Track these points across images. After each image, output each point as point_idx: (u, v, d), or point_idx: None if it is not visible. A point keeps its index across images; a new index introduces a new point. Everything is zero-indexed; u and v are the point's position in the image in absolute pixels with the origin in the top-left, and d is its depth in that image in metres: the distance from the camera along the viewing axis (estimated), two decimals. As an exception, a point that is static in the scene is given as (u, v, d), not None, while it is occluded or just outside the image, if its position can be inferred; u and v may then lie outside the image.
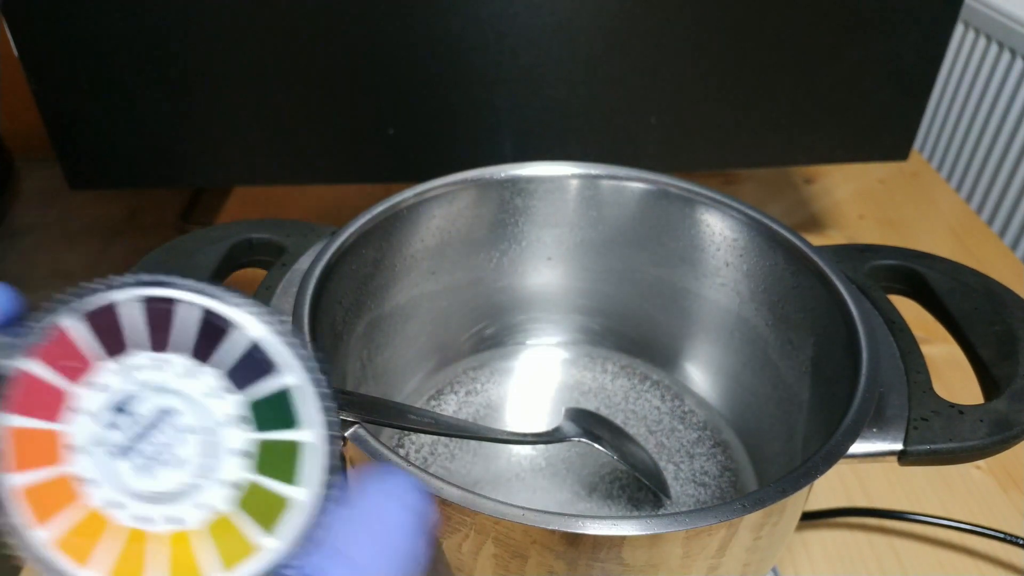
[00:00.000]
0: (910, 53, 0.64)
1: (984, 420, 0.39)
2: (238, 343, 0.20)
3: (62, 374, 0.19)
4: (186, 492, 0.19)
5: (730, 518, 0.32)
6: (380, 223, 0.48)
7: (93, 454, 0.19)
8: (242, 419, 0.20)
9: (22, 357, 0.19)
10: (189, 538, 0.19)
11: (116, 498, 0.19)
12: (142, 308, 0.19)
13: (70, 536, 0.19)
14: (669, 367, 0.57)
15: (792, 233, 0.47)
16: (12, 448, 0.19)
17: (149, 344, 0.19)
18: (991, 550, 0.53)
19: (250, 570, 0.19)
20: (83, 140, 0.63)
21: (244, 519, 0.20)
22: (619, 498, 0.49)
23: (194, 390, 0.19)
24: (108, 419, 0.19)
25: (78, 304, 0.19)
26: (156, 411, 0.19)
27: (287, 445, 0.20)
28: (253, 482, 0.20)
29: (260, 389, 0.20)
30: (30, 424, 0.19)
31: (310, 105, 0.62)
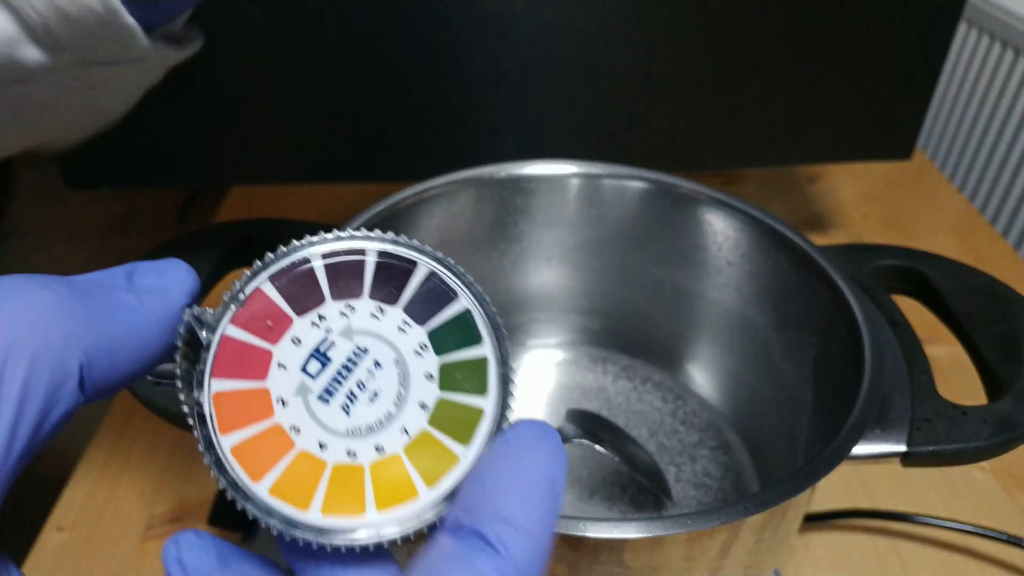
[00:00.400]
0: (913, 52, 0.64)
1: (988, 421, 0.39)
2: (416, 280, 0.21)
3: (261, 335, 0.21)
4: (385, 422, 0.21)
5: (732, 520, 0.32)
6: (379, 222, 0.47)
7: (298, 403, 0.21)
8: (424, 347, 0.21)
9: (225, 325, 0.20)
10: (394, 462, 0.21)
11: (323, 439, 0.21)
12: (322, 262, 0.21)
13: (285, 482, 0.20)
14: (670, 368, 0.57)
15: (795, 233, 0.47)
16: (225, 411, 0.20)
17: (334, 294, 0.21)
18: (994, 552, 0.53)
19: (452, 479, 0.21)
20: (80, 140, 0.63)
21: (441, 435, 0.21)
22: (620, 500, 0.49)
23: (381, 329, 0.21)
24: (308, 368, 0.21)
25: (268, 268, 0.21)
26: (349, 354, 0.21)
27: (471, 362, 0.22)
28: (444, 399, 0.21)
29: (439, 318, 0.22)
30: (238, 385, 0.20)
31: (309, 104, 0.62)
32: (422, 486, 0.21)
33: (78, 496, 0.55)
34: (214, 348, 0.20)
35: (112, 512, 0.54)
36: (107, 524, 0.53)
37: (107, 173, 0.65)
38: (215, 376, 0.20)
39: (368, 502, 0.21)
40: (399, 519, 0.21)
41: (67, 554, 0.52)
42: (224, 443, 0.20)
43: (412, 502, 0.21)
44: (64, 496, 0.55)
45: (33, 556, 0.51)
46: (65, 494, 0.55)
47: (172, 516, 0.54)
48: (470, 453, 0.21)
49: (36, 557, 0.51)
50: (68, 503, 0.55)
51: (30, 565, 0.51)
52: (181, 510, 0.54)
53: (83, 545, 0.52)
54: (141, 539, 0.52)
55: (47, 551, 0.52)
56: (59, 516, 0.54)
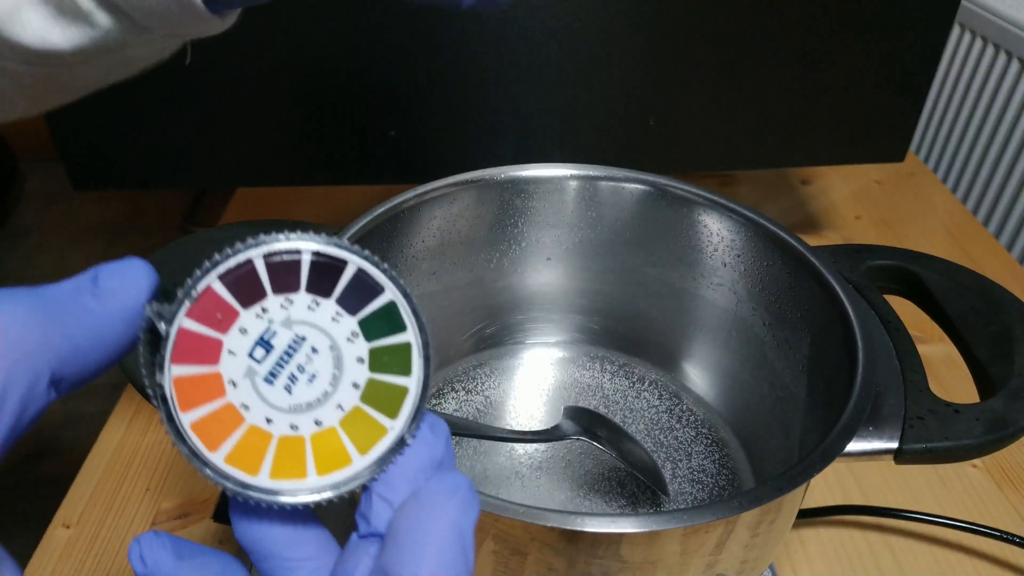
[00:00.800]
0: (907, 55, 0.64)
1: (980, 419, 0.40)
2: (347, 275, 0.24)
3: (212, 326, 0.23)
4: (322, 399, 0.24)
5: (727, 516, 0.32)
6: (381, 224, 0.48)
7: (246, 384, 0.23)
8: (355, 335, 0.24)
9: (180, 319, 0.23)
10: (331, 434, 0.24)
11: (270, 414, 0.24)
12: (263, 262, 0.23)
13: (237, 452, 0.23)
14: (667, 366, 0.57)
15: (789, 234, 0.48)
16: (184, 392, 0.23)
17: (274, 289, 0.24)
18: (987, 548, 0.53)
19: (381, 448, 0.24)
20: (86, 141, 0.63)
21: (371, 410, 0.24)
22: (618, 496, 0.49)
23: (317, 319, 0.24)
24: (254, 354, 0.23)
25: (216, 268, 0.23)
26: (289, 341, 0.24)
27: (396, 347, 0.25)
28: (373, 379, 0.24)
29: (368, 309, 0.24)
30: (194, 371, 0.23)
31: (312, 107, 0.63)
32: (356, 454, 0.24)
33: (84, 493, 0.56)
34: (172, 338, 0.23)
35: (118, 509, 0.55)
36: (113, 521, 0.54)
37: (113, 174, 0.66)
38: (174, 363, 0.23)
39: (309, 468, 0.24)
40: (336, 483, 0.24)
41: (73, 550, 0.52)
42: (184, 420, 0.23)
43: (347, 468, 0.24)
44: (70, 493, 0.56)
45: (39, 552, 0.52)
46: (71, 491, 0.56)
47: (177, 512, 0.54)
48: (397, 425, 0.24)
49: (42, 553, 0.52)
50: (74, 500, 0.55)
51: (36, 561, 0.52)
52: (186, 506, 0.55)
53: (89, 542, 0.53)
54: (146, 536, 0.53)
55: (53, 547, 0.52)
56: (65, 513, 0.54)
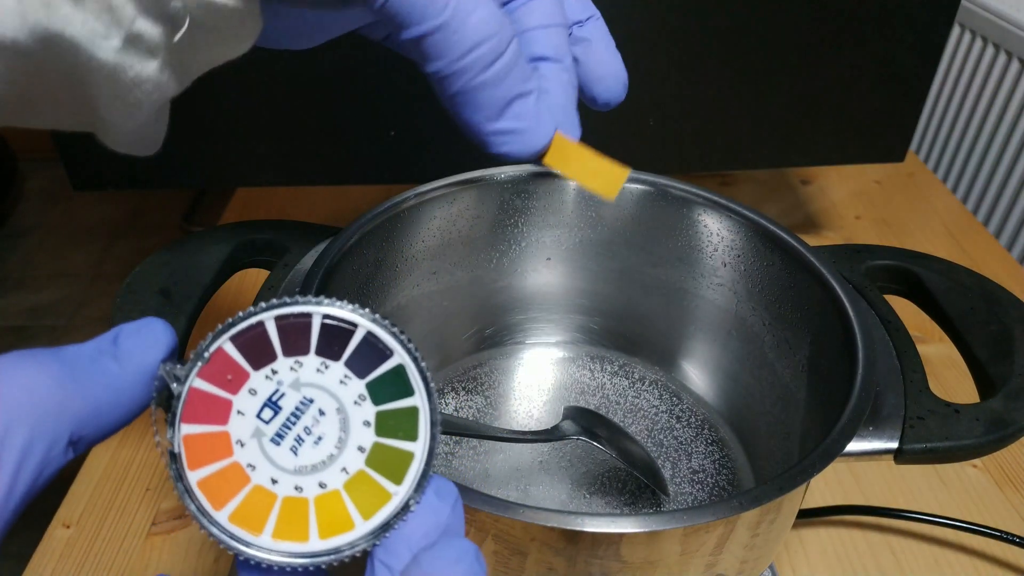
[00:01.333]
0: (907, 55, 0.64)
1: (980, 419, 0.40)
2: (356, 338, 0.24)
3: (223, 387, 0.24)
4: (327, 462, 0.24)
5: (727, 516, 0.32)
6: (381, 224, 0.48)
7: (254, 444, 0.24)
8: (363, 397, 0.25)
9: (192, 379, 0.23)
10: (334, 497, 0.24)
11: (275, 475, 0.24)
12: (274, 324, 0.24)
13: (242, 511, 0.24)
14: (667, 366, 0.57)
15: (789, 234, 0.48)
16: (193, 450, 0.24)
17: (284, 352, 0.24)
18: (988, 548, 0.53)
19: (385, 513, 0.25)
20: (86, 141, 0.63)
21: (375, 475, 0.25)
22: (618, 496, 0.49)
23: (325, 382, 0.24)
24: (262, 415, 0.24)
25: (229, 330, 0.24)
26: (297, 403, 0.24)
27: (403, 411, 0.25)
28: (379, 443, 0.25)
29: (376, 372, 0.25)
30: (204, 429, 0.24)
31: (312, 107, 0.63)
32: (358, 518, 0.24)
33: (84, 493, 0.56)
34: (183, 398, 0.23)
35: (118, 508, 0.55)
36: (113, 520, 0.54)
37: (113, 175, 0.66)
38: (184, 421, 0.23)
39: (312, 530, 0.24)
40: (337, 547, 0.24)
41: (73, 550, 0.52)
42: (192, 477, 0.24)
43: (349, 532, 0.24)
44: (70, 493, 0.56)
45: (39, 552, 0.52)
46: (71, 491, 0.56)
47: (177, 512, 0.54)
48: (401, 491, 0.25)
49: (42, 553, 0.52)
50: (74, 500, 0.55)
51: (36, 561, 0.52)
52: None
53: (89, 541, 0.53)
54: (146, 535, 0.53)
55: (53, 547, 0.52)
56: (65, 512, 0.54)
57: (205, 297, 0.47)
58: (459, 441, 0.52)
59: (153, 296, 0.45)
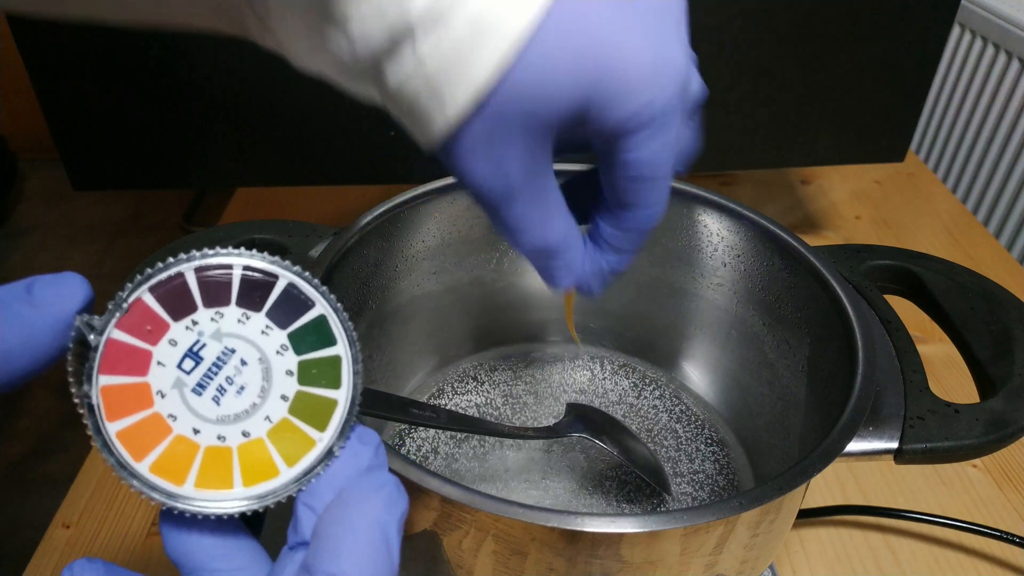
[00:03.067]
0: (907, 55, 0.64)
1: (980, 419, 0.40)
2: (277, 290, 0.25)
3: (142, 338, 0.24)
4: (250, 411, 0.24)
5: (727, 515, 0.32)
6: (381, 224, 0.48)
7: (175, 395, 0.24)
8: (285, 348, 0.25)
9: (110, 330, 0.23)
10: (258, 445, 0.24)
11: (197, 425, 0.24)
12: (194, 276, 0.24)
13: (163, 462, 0.24)
14: (667, 366, 0.57)
15: (789, 234, 0.48)
16: (111, 402, 0.23)
17: (205, 303, 0.24)
18: (988, 548, 0.53)
19: (309, 459, 0.25)
20: (86, 141, 0.63)
21: (299, 422, 0.25)
22: (620, 494, 0.49)
23: (247, 332, 0.24)
24: (183, 366, 0.24)
25: (148, 281, 0.24)
26: (219, 353, 0.24)
27: (326, 359, 0.25)
28: (302, 392, 0.25)
29: (298, 322, 0.25)
30: (123, 380, 0.24)
31: (312, 107, 0.63)
32: (283, 466, 0.25)
33: (84, 493, 0.56)
34: (101, 349, 0.23)
35: (117, 509, 0.55)
36: (113, 521, 0.54)
37: (113, 174, 0.66)
38: (102, 373, 0.23)
39: (236, 479, 0.24)
40: (261, 494, 0.24)
41: (73, 550, 0.52)
42: (111, 429, 0.23)
43: (274, 479, 0.25)
44: (70, 493, 0.56)
45: (40, 552, 0.52)
46: (71, 491, 0.56)
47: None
48: (325, 437, 0.25)
49: (43, 553, 0.52)
50: (74, 500, 0.55)
51: (37, 561, 0.52)
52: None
53: (89, 541, 0.53)
54: (146, 535, 0.53)
55: (53, 547, 0.52)
56: (65, 513, 0.54)
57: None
58: (459, 441, 0.52)
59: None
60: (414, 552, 0.38)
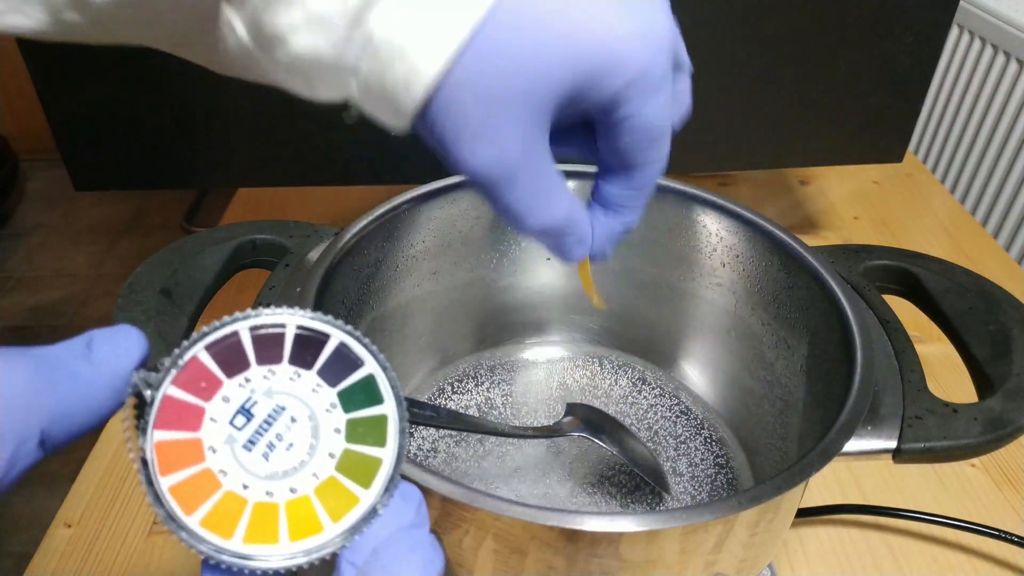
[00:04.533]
0: (905, 56, 0.64)
1: (978, 419, 0.40)
2: (328, 349, 0.25)
3: (196, 394, 0.24)
4: (298, 467, 0.25)
5: (726, 515, 0.32)
6: (382, 224, 0.48)
7: (226, 450, 0.24)
8: (334, 405, 0.25)
9: (166, 386, 0.24)
10: (305, 501, 0.25)
11: (246, 480, 0.24)
12: (249, 334, 0.25)
13: (212, 516, 0.24)
14: (666, 365, 0.57)
15: (787, 234, 0.48)
16: (165, 456, 0.24)
17: (258, 360, 0.25)
18: (986, 547, 0.53)
19: (353, 517, 0.25)
20: (88, 142, 0.63)
21: (345, 480, 0.25)
22: (619, 493, 0.49)
23: (297, 390, 0.25)
24: (235, 422, 0.24)
25: (204, 339, 0.24)
26: (270, 410, 0.25)
27: (373, 418, 0.26)
28: (349, 450, 0.25)
29: (347, 381, 0.25)
30: (176, 436, 0.24)
31: (312, 107, 0.63)
32: (328, 522, 0.25)
33: (86, 492, 0.56)
34: (156, 405, 0.24)
35: (119, 508, 0.55)
36: (114, 520, 0.54)
37: (115, 175, 0.66)
38: (157, 428, 0.24)
39: (282, 534, 0.25)
40: (307, 549, 0.25)
41: (75, 549, 0.52)
42: (163, 483, 0.24)
43: (319, 535, 0.25)
44: (71, 493, 0.56)
45: (41, 552, 0.52)
46: (72, 491, 0.56)
47: (178, 512, 0.55)
48: (370, 495, 0.25)
49: (44, 553, 0.52)
50: (76, 499, 0.55)
51: (38, 561, 0.52)
52: (186, 506, 0.55)
53: (90, 541, 0.53)
54: (147, 534, 0.53)
55: (55, 546, 0.52)
56: (67, 512, 0.55)
57: (206, 297, 0.48)
58: (459, 441, 0.52)
59: (154, 296, 0.45)
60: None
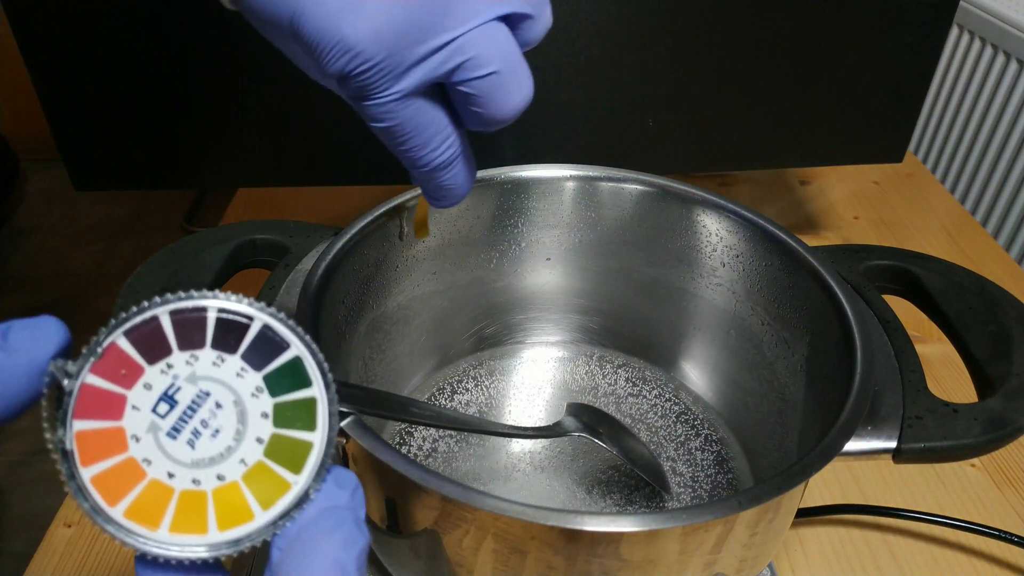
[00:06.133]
0: (905, 56, 0.64)
1: (978, 419, 0.40)
2: (252, 332, 0.25)
3: (116, 382, 0.24)
4: (225, 454, 0.24)
5: (726, 515, 0.32)
6: (381, 224, 0.48)
7: (149, 439, 0.24)
8: (260, 390, 0.25)
9: (84, 375, 0.23)
10: (233, 489, 0.24)
11: (172, 469, 0.24)
12: (169, 319, 0.24)
13: (138, 506, 0.24)
14: (666, 365, 0.58)
15: (787, 234, 0.48)
16: (86, 447, 0.23)
17: (180, 346, 0.24)
18: (986, 547, 0.53)
19: (284, 503, 0.25)
20: (88, 142, 0.63)
21: (274, 465, 0.25)
22: (619, 493, 0.49)
23: (222, 375, 0.24)
24: (158, 409, 0.24)
25: (122, 325, 0.24)
26: (193, 396, 0.24)
27: (301, 402, 0.25)
28: (277, 434, 0.25)
29: (273, 364, 0.25)
30: (97, 425, 0.23)
31: (313, 107, 0.63)
32: (258, 509, 0.24)
33: (85, 493, 0.56)
34: (75, 394, 0.23)
35: (119, 508, 0.55)
36: (114, 520, 0.54)
37: (114, 175, 0.66)
38: (77, 417, 0.23)
39: (211, 523, 0.24)
40: (236, 538, 0.24)
41: (75, 549, 0.52)
42: (85, 474, 0.23)
43: (249, 523, 0.24)
44: (71, 493, 0.56)
45: (41, 552, 0.52)
46: (72, 491, 0.56)
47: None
48: (301, 480, 0.25)
49: (44, 553, 0.52)
50: (75, 500, 0.55)
51: (38, 561, 0.52)
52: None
53: (90, 541, 0.53)
54: (147, 535, 0.53)
55: (55, 547, 0.52)
56: (67, 512, 0.55)
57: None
58: (459, 441, 0.52)
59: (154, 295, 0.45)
60: (415, 551, 0.38)
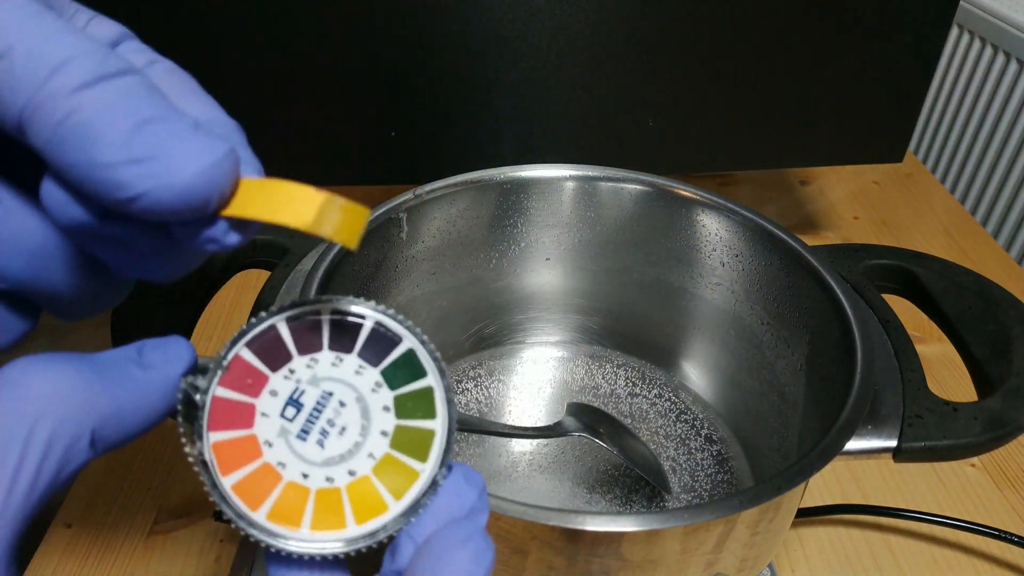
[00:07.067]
0: (905, 56, 0.64)
1: (978, 418, 0.40)
2: (365, 330, 0.26)
3: (244, 392, 0.25)
4: (354, 450, 0.25)
5: (727, 514, 0.33)
6: (381, 224, 0.48)
7: (281, 443, 0.25)
8: (379, 384, 0.26)
9: (214, 388, 0.24)
10: (365, 483, 0.25)
11: (305, 469, 0.25)
12: (286, 326, 0.25)
13: (278, 509, 0.24)
14: (666, 365, 0.58)
15: (787, 234, 0.48)
16: (223, 456, 0.24)
17: (299, 351, 0.25)
18: (986, 547, 0.53)
19: (415, 491, 0.25)
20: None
21: (401, 455, 0.25)
22: (619, 493, 0.49)
23: (341, 374, 0.25)
24: (285, 414, 0.25)
25: (243, 337, 0.25)
26: (318, 398, 0.25)
27: (419, 392, 0.26)
28: (400, 425, 0.26)
29: (389, 359, 0.26)
30: (231, 435, 0.25)
31: (312, 108, 0.63)
32: (391, 500, 0.25)
33: (86, 492, 0.56)
34: (207, 407, 0.24)
35: (120, 507, 0.55)
36: (115, 519, 0.54)
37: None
38: (211, 429, 0.24)
39: (348, 517, 0.25)
40: (374, 529, 0.25)
41: (75, 549, 0.52)
42: (225, 483, 0.24)
43: (384, 514, 0.25)
44: (72, 492, 0.56)
45: (41, 551, 0.52)
46: (73, 490, 0.56)
47: (179, 511, 0.55)
48: (427, 467, 0.25)
49: (44, 552, 0.52)
50: (76, 499, 0.55)
51: (38, 561, 0.52)
52: (188, 505, 0.55)
53: (91, 540, 0.53)
54: (148, 534, 0.53)
55: (55, 546, 0.52)
56: (67, 512, 0.54)
57: (207, 297, 0.48)
58: (460, 440, 0.52)
59: (155, 296, 0.45)
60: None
